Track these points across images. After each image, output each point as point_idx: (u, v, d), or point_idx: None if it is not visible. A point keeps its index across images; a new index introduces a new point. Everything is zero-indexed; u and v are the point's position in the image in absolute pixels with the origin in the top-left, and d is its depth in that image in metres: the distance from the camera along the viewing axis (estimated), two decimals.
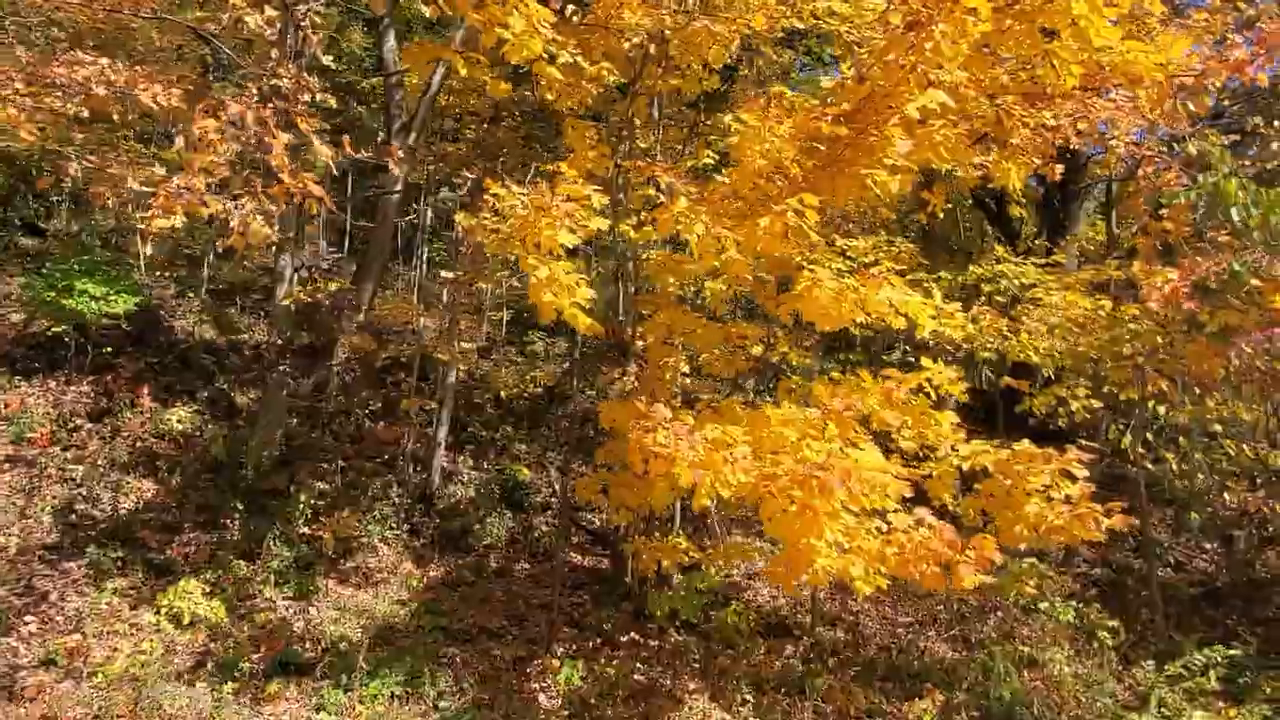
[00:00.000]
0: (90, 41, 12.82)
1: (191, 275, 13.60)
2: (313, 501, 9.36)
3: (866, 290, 5.84)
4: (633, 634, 8.91)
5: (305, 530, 8.88)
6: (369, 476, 10.43)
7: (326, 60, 8.56)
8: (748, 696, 7.74)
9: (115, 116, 8.90)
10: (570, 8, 6.88)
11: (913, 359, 11.00)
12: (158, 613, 7.34)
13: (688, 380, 9.11)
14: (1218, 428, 9.51)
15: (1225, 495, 9.30)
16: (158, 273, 13.51)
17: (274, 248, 8.88)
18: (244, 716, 6.40)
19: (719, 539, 10.30)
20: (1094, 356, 7.91)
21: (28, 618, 7.05)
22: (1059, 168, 8.39)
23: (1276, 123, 9.38)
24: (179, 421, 9.80)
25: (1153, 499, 13.08)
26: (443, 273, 11.53)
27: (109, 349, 10.40)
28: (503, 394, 12.76)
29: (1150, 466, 9.24)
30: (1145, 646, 10.03)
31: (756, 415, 6.33)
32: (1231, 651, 8.88)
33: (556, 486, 11.31)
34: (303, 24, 7.50)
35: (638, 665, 8.36)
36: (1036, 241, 11.87)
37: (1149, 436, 9.02)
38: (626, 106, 8.24)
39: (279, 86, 8.08)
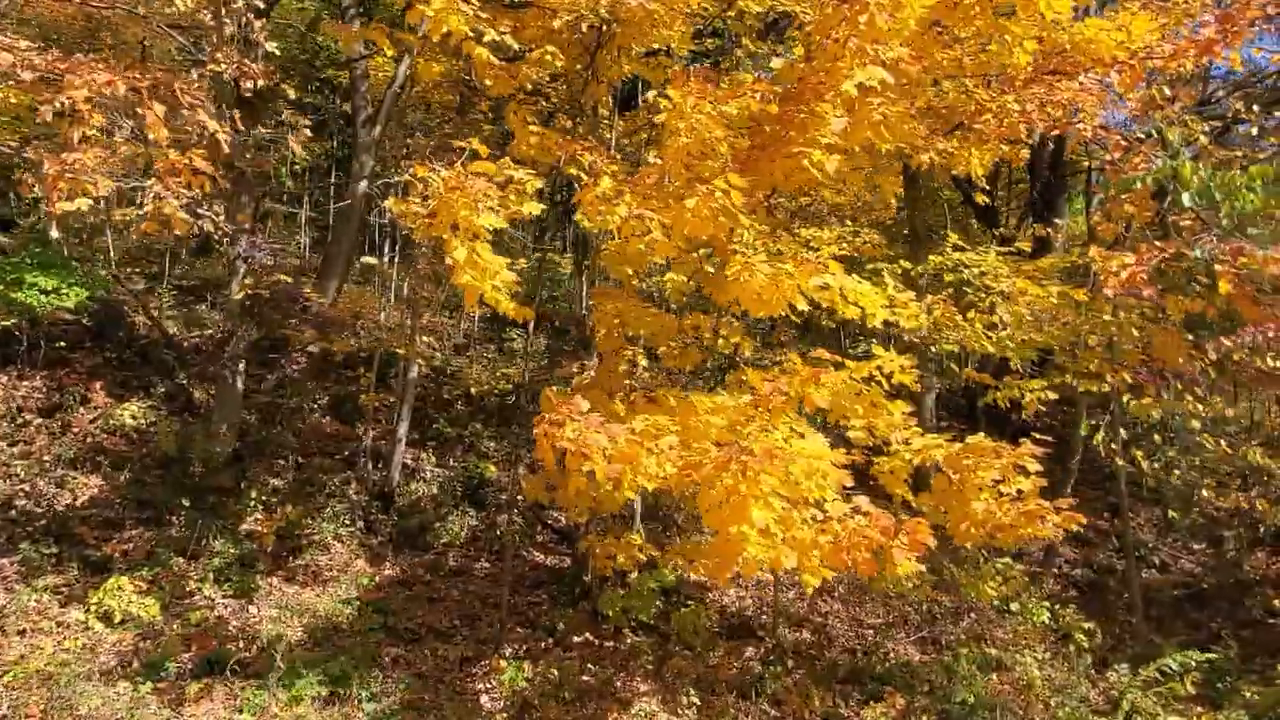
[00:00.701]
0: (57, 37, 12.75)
1: (168, 271, 13.47)
2: (264, 498, 9.18)
3: (798, 276, 5.59)
4: (587, 634, 8.66)
5: (253, 527, 8.68)
6: (327, 473, 10.23)
7: (271, 46, 8.42)
8: (694, 699, 7.47)
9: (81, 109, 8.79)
10: None
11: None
12: (87, 611, 7.16)
13: (647, 374, 8.85)
14: (1195, 424, 9.18)
15: (1203, 493, 8.97)
16: (128, 268, 13.39)
17: (227, 238, 8.70)
18: (162, 717, 6.20)
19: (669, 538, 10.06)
20: (1052, 347, 7.62)
21: None
22: (1024, 153, 8.11)
23: (1255, 107, 9.07)
24: (131, 417, 9.63)
25: (1141, 498, 12.77)
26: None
27: (64, 344, 10.24)
28: (473, 390, 12.56)
29: (1120, 462, 8.93)
30: (1123, 649, 9.72)
31: (686, 404, 6.09)
32: (1207, 656, 8.57)
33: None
34: (234, 4, 7.31)
35: (589, 666, 8.11)
36: (1018, 230, 11.55)
37: (1122, 432, 8.71)
38: (579, 94, 8.01)
39: (219, 71, 7.96)
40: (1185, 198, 6.17)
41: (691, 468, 5.59)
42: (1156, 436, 9.00)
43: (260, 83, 7.98)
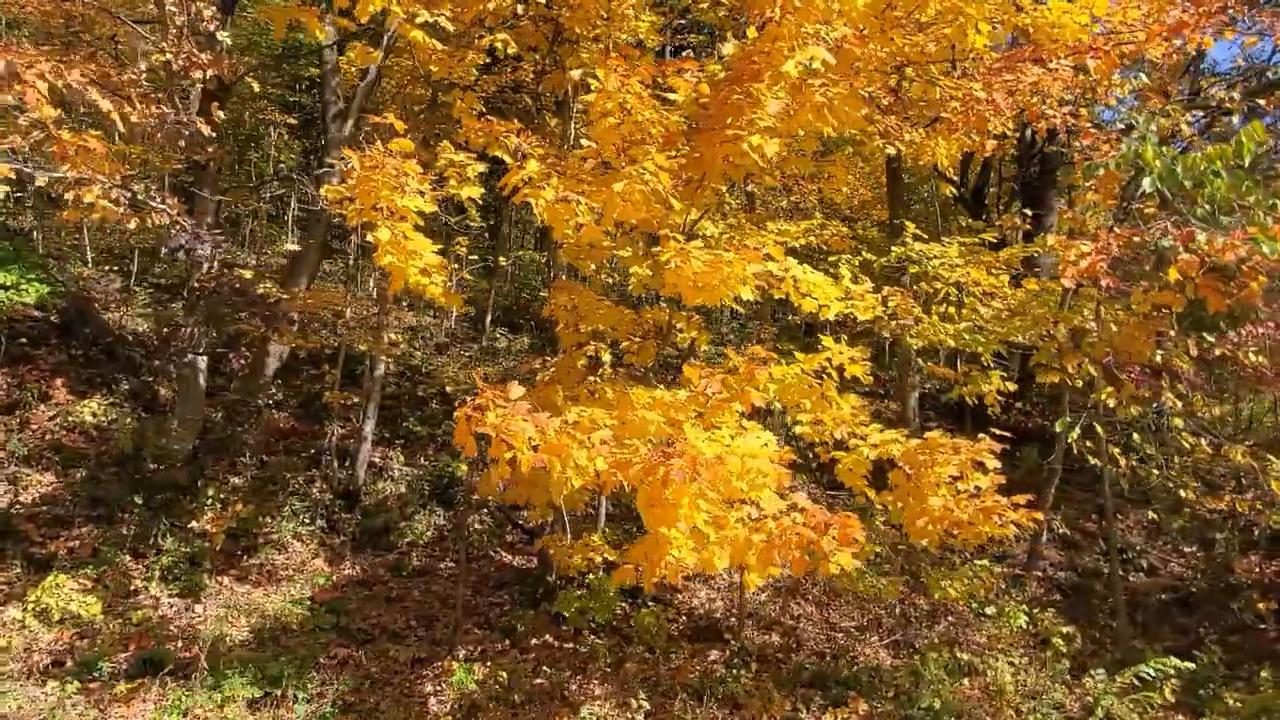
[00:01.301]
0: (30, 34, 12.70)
1: (146, 269, 13.41)
2: (221, 496, 9.03)
3: (736, 264, 5.38)
4: (547, 636, 8.46)
5: (206, 526, 8.53)
6: (291, 471, 10.08)
7: (223, 36, 8.29)
8: (644, 702, 7.25)
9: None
10: None
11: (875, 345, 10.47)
12: (25, 609, 7.01)
13: (609, 370, 8.65)
14: (1179, 422, 8.90)
15: (1183, 493, 8.67)
16: (105, 266, 13.34)
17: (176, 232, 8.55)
18: (88, 718, 6.04)
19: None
20: (1018, 341, 7.37)
21: None
22: (990, 144, 7.87)
23: (1236, 94, 8.80)
24: (92, 414, 9.51)
25: (1130, 500, 12.46)
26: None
27: (26, 340, 10.14)
28: (448, 389, 12.39)
29: (1094, 460, 8.65)
30: (1103, 654, 9.44)
31: (625, 398, 5.89)
32: (1184, 664, 8.26)
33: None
34: None
35: (544, 668, 7.91)
36: (1003, 220, 11.27)
37: (1099, 429, 8.43)
38: (537, 83, 7.83)
39: (166, 61, 7.83)
40: (1146, 183, 5.94)
41: (620, 466, 5.40)
42: (1136, 435, 8.70)
43: (209, 72, 7.85)
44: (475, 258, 13.88)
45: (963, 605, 9.70)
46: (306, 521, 9.36)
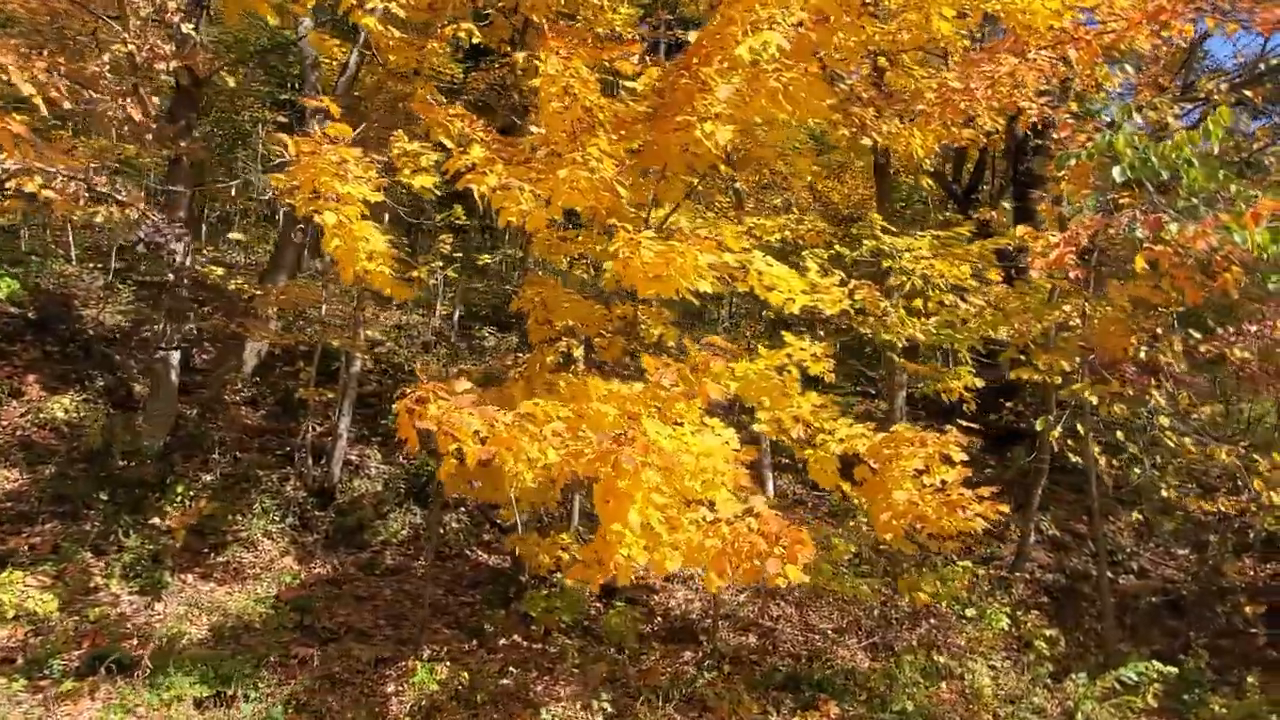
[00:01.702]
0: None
1: (133, 267, 13.37)
2: (190, 494, 8.93)
3: (688, 254, 5.23)
4: (516, 636, 8.33)
5: (172, 523, 8.43)
6: (266, 469, 9.98)
7: (188, 29, 8.20)
8: (605, 704, 7.11)
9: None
10: None
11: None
12: None
13: (581, 366, 8.52)
14: (1164, 421, 8.70)
15: (1164, 493, 8.47)
16: (89, 263, 13.29)
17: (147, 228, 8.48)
18: (34, 716, 5.94)
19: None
20: (996, 336, 7.20)
21: None
22: (966, 133, 7.71)
23: (1223, 85, 8.60)
24: (64, 410, 9.44)
25: (1122, 501, 12.22)
26: None
27: (1, 337, 10.08)
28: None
29: (1073, 458, 8.47)
30: (1088, 658, 9.24)
31: (582, 390, 5.76)
32: (1167, 668, 8.05)
33: None
34: None
35: (511, 669, 7.78)
36: (980, 212, 11.07)
37: (1080, 426, 8.25)
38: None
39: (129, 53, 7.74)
40: (1116, 172, 5.76)
41: (573, 456, 5.26)
42: (1120, 433, 8.50)
43: (174, 64, 7.77)
44: (460, 255, 13.73)
45: (945, 607, 9.52)
46: (277, 519, 9.25)
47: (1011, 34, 7.65)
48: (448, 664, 7.61)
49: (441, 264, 13.76)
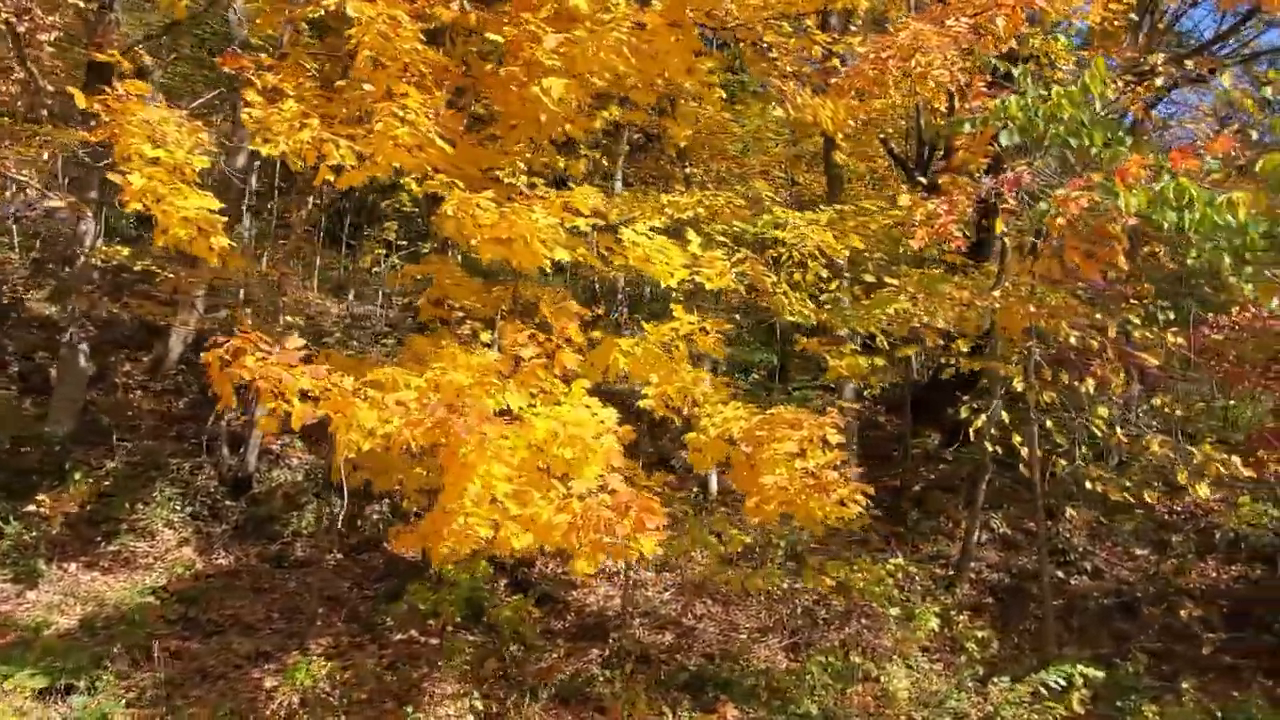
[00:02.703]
0: None
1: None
2: (88, 481, 8.67)
3: (521, 215, 4.89)
4: (413, 631, 8.00)
5: (59, 511, 8.16)
6: (179, 457, 9.72)
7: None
8: (477, 702, 6.76)
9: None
10: None
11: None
12: None
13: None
14: (1104, 411, 8.24)
15: (1089, 484, 8.00)
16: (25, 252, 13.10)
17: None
18: None
19: None
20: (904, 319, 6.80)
21: None
22: (878, 104, 7.31)
23: (1162, 56, 8.14)
24: None
25: (1076, 497, 11.71)
26: None
27: None
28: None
29: (988, 446, 8.04)
30: (1023, 661, 8.77)
31: (437, 358, 5.47)
32: (1094, 672, 7.57)
33: None
34: None
35: (401, 664, 7.46)
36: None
37: (1004, 415, 7.82)
38: None
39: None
40: (1003, 135, 5.37)
41: (412, 425, 4.95)
42: (1050, 423, 8.06)
43: (52, 35, 7.52)
44: (405, 243, 13.48)
45: (879, 607, 9.10)
46: (179, 508, 8.97)
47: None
48: (334, 659, 7.31)
49: (384, 251, 13.52)
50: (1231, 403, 13.83)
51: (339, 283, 16.06)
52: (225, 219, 5.17)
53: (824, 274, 6.82)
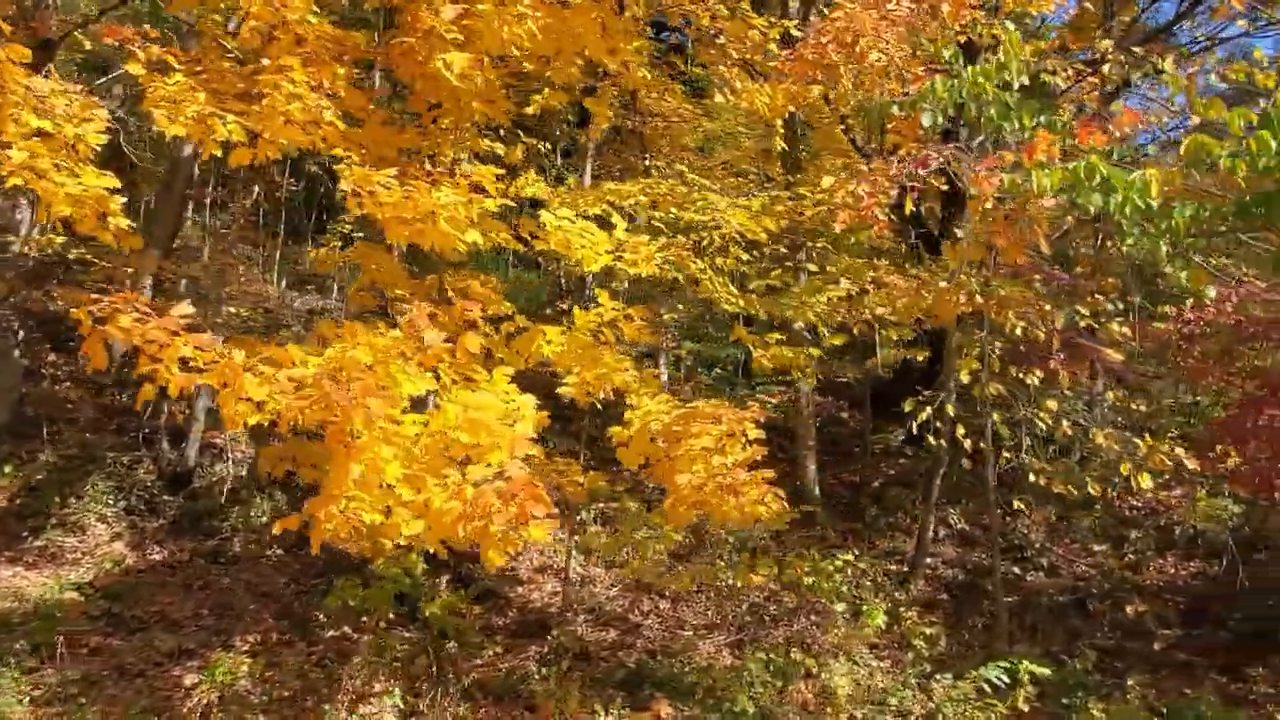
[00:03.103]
0: None
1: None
2: (17, 474, 8.48)
3: (422, 195, 4.72)
4: (346, 627, 7.82)
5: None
6: (117, 451, 9.52)
7: None
8: (397, 700, 6.59)
9: None
10: None
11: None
12: None
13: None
14: (1053, 405, 8.11)
15: (1031, 477, 7.89)
16: None
17: None
18: None
19: None
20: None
21: None
22: (815, 89, 7.15)
23: (1109, 41, 8.00)
24: None
25: (1034, 493, 11.59)
26: None
27: None
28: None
29: (933, 441, 7.91)
30: (972, 657, 8.63)
31: (343, 336, 5.31)
32: (1039, 669, 7.45)
33: None
34: None
35: (329, 662, 7.29)
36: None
37: (950, 409, 7.68)
38: None
39: None
40: (925, 117, 5.23)
41: (305, 400, 4.78)
42: (996, 416, 7.93)
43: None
44: (361, 234, 13.26)
45: (828, 602, 8.96)
46: (112, 503, 8.77)
47: None
48: (260, 656, 7.14)
49: (340, 244, 13.30)
50: (1199, 398, 13.73)
51: (303, 276, 15.89)
52: (124, 199, 4.99)
53: (744, 257, 6.67)
